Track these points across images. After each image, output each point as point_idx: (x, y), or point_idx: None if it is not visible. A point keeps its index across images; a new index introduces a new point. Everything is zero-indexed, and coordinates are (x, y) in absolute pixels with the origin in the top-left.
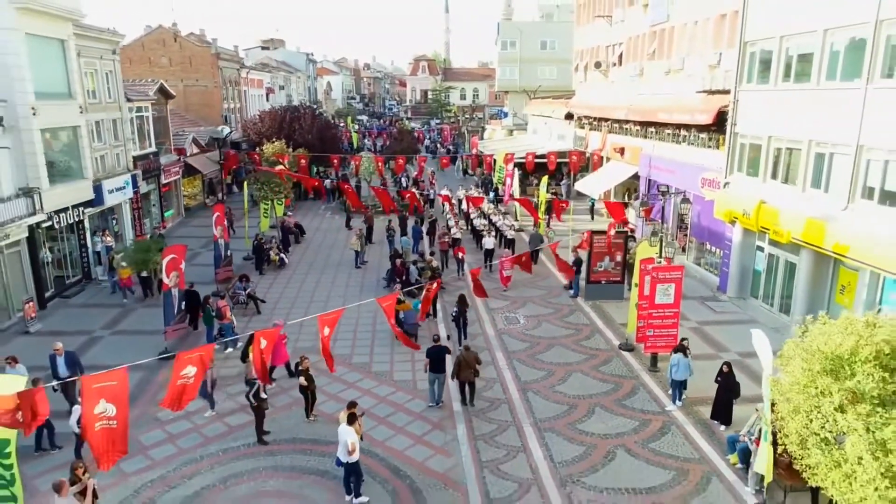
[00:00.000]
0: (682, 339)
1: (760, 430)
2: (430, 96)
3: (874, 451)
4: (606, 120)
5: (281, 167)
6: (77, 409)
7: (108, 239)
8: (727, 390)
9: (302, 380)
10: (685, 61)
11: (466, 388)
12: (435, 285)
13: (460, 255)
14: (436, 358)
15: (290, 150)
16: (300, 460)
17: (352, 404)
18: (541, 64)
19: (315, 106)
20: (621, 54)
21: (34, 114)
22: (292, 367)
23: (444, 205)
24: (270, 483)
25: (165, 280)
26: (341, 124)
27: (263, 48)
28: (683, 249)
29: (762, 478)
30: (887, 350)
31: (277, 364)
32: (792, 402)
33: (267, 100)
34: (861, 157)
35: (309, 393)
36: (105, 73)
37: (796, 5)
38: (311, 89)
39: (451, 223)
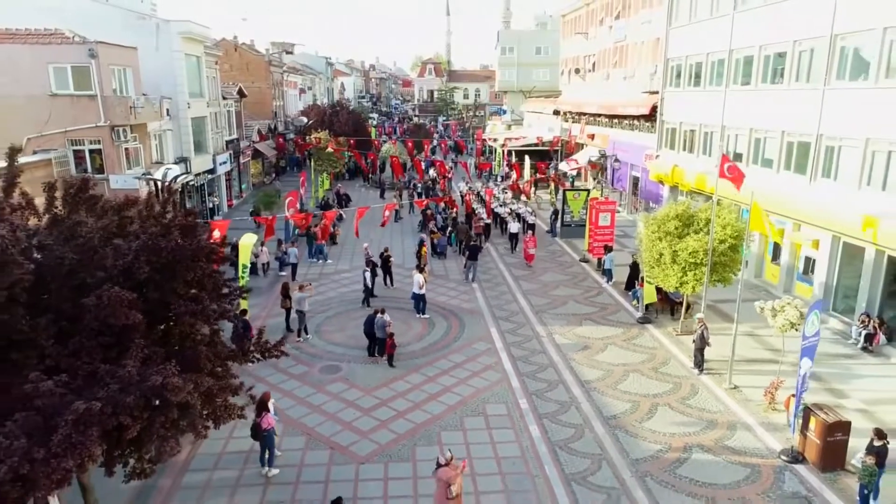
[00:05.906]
0: (608, 246)
1: (643, 278)
2: (436, 96)
3: (674, 256)
4: (584, 114)
5: (334, 149)
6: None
7: (216, 199)
8: (634, 270)
9: (392, 261)
10: (636, 70)
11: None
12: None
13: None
14: (473, 252)
15: (333, 137)
16: (389, 303)
17: (419, 258)
18: (536, 67)
19: (348, 103)
20: (594, 63)
21: (189, 107)
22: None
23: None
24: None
25: (287, 213)
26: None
27: (287, 52)
28: (636, 209)
29: (646, 305)
30: (682, 213)
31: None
32: (644, 244)
33: (300, 99)
34: (725, 133)
35: (390, 269)
36: (212, 78)
37: (693, 37)
38: (329, 90)
39: (482, 212)
